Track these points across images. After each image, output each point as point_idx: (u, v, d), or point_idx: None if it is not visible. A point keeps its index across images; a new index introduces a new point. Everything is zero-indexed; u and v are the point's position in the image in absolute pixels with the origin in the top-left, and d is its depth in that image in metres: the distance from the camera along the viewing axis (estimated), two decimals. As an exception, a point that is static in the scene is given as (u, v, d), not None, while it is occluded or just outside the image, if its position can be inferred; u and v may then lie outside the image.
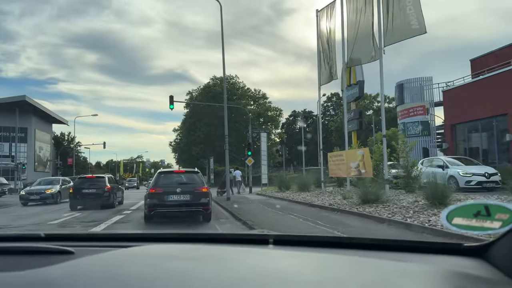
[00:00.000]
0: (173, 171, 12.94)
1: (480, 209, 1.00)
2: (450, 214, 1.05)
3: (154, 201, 10.31)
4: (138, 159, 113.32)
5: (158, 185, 10.58)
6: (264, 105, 62.35)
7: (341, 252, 1.24)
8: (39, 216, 14.16)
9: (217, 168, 52.29)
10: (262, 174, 27.20)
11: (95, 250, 1.21)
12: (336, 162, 16.25)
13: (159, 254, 1.17)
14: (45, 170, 59.02)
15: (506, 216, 0.97)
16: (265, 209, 13.18)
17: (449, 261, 1.14)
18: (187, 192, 10.39)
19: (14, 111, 50.84)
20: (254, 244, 1.38)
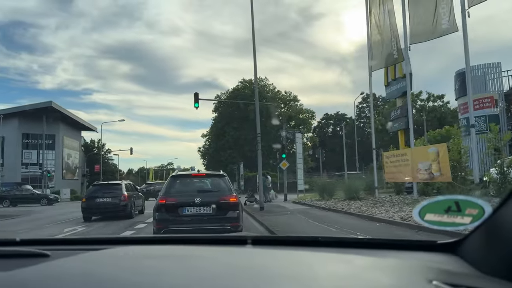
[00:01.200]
0: (190, 174, 9.68)
1: (451, 205, 1.01)
2: (422, 210, 1.05)
3: (164, 215, 7.76)
4: (168, 166, 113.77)
5: (171, 194, 8.00)
6: (295, 107, 59.35)
7: (317, 250, 1.25)
8: (34, 232, 11.75)
9: (248, 174, 49.65)
10: (297, 180, 24.10)
11: (71, 252, 1.20)
12: (396, 164, 13.08)
13: (135, 255, 1.14)
14: (73, 178, 58.06)
15: (475, 211, 0.98)
16: (313, 224, 10.19)
17: (422, 257, 1.17)
18: (210, 202, 7.76)
19: (42, 118, 50.04)
20: (232, 245, 1.39)
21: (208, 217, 7.66)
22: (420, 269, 0.93)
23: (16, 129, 50.66)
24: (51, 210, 22.74)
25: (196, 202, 7.70)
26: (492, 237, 0.96)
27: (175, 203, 7.74)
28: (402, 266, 0.98)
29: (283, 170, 23.33)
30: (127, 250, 1.24)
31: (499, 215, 0.93)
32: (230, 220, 7.74)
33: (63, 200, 44.68)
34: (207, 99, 45.91)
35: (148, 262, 1.01)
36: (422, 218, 1.06)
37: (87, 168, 58.07)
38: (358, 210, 11.77)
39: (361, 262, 0.99)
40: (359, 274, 0.87)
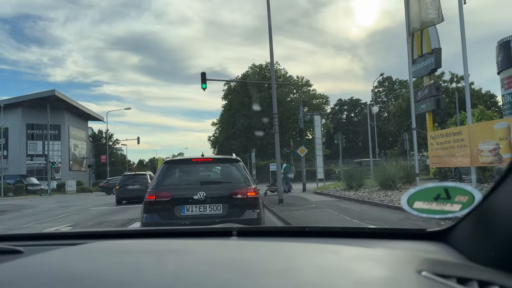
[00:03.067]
0: (191, 159, 6.26)
1: (440, 192, 1.00)
2: (410, 198, 1.03)
3: (154, 217, 5.42)
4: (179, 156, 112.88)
5: (164, 187, 5.61)
6: (308, 93, 56.72)
7: (304, 241, 1.23)
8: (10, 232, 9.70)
9: (260, 163, 47.47)
10: (317, 168, 21.74)
11: (46, 248, 1.15)
12: (445, 145, 10.69)
13: (115, 250, 1.08)
14: (81, 169, 56.48)
15: (465, 198, 0.96)
16: (352, 223, 7.91)
17: (411, 246, 1.14)
18: (219, 199, 5.44)
19: (45, 108, 48.31)
20: (217, 237, 1.34)
21: (217, 219, 5.25)
22: (409, 259, 0.90)
23: (19, 119, 49.03)
24: (47, 205, 20.82)
25: (199, 198, 5.39)
26: (482, 224, 0.94)
27: (170, 199, 5.42)
28: (391, 256, 0.95)
29: (301, 157, 21.05)
30: (105, 245, 1.18)
31: (489, 202, 0.91)
32: (248, 223, 5.10)
33: (69, 192, 43.07)
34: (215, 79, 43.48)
35: (128, 257, 0.97)
36: (411, 206, 1.03)
37: (93, 159, 56.35)
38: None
39: (349, 253, 0.96)
40: (347, 266, 0.85)
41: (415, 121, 12.15)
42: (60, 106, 49.93)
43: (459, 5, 10.43)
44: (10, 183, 40.76)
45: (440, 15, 11.91)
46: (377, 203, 10.50)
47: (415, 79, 39.98)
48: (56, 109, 49.44)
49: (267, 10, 13.78)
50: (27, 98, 48.02)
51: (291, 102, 53.53)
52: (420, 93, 24.14)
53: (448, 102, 41.98)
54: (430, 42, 23.66)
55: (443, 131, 11.85)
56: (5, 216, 15.08)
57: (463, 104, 37.35)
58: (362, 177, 15.55)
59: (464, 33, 10.28)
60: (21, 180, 42.48)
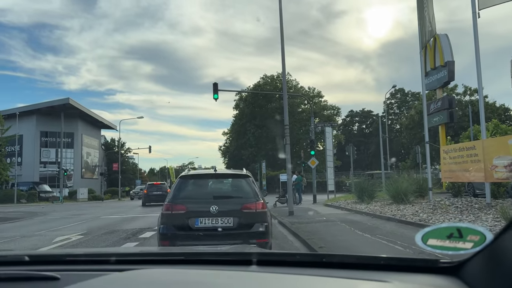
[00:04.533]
0: (205, 174, 6.83)
1: (453, 232, 1.04)
2: (425, 236, 1.08)
3: (171, 228, 5.79)
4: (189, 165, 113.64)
5: (179, 200, 5.94)
6: (319, 104, 56.63)
7: (322, 273, 1.26)
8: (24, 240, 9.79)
9: (270, 173, 47.38)
10: (327, 180, 21.60)
11: (82, 275, 1.17)
12: (458, 160, 10.56)
13: (142, 282, 1.11)
14: (93, 177, 56.93)
15: (477, 237, 1.01)
16: (365, 238, 7.82)
17: (424, 280, 1.17)
18: (230, 212, 5.77)
19: (60, 116, 48.99)
20: (236, 265, 1.37)
21: (228, 231, 5.65)
22: None
23: (34, 127, 49.76)
24: (59, 212, 21.01)
25: (212, 212, 5.72)
26: (493, 262, 0.96)
27: (185, 212, 5.75)
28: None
29: (311, 168, 20.97)
30: (139, 275, 1.21)
31: (501, 241, 0.94)
32: (257, 236, 5.68)
33: (81, 199, 43.42)
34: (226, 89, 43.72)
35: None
36: (425, 243, 1.08)
37: (105, 167, 56.82)
38: (417, 218, 9.29)
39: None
40: None
41: (428, 134, 12.05)
42: (74, 114, 50.60)
43: (473, 18, 10.40)
44: (23, 190, 41.28)
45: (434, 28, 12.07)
46: (389, 217, 10.37)
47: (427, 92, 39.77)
48: (70, 117, 50.11)
49: (280, 21, 13.87)
50: (42, 106, 48.78)
51: (302, 112, 53.51)
52: (433, 106, 23.94)
53: (461, 115, 41.52)
54: (443, 54, 23.48)
55: (456, 145, 11.73)
56: (18, 223, 15.25)
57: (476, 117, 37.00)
58: (374, 189, 15.39)
59: (478, 46, 10.23)
60: (34, 187, 42.98)
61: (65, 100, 47.84)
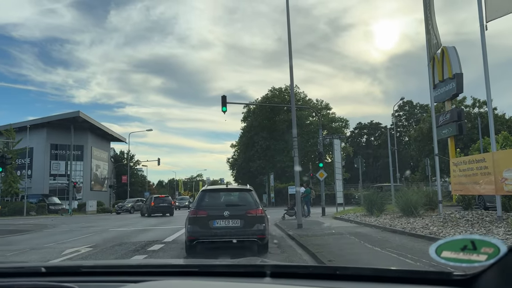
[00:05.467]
0: (220, 188, 9.83)
1: (467, 244, 1.03)
2: (439, 248, 1.08)
3: (196, 227, 8.09)
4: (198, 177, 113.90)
5: (202, 207, 8.31)
6: (327, 116, 56.63)
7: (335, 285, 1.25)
8: (33, 252, 9.84)
9: (278, 185, 47.22)
10: (336, 192, 21.49)
11: (98, 286, 1.19)
12: (468, 172, 10.46)
13: None
14: (102, 189, 57.19)
15: (491, 250, 1.00)
16: (375, 252, 7.73)
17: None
18: (238, 216, 8.12)
19: (70, 129, 49.52)
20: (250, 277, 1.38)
21: (236, 229, 7.94)
22: None
23: (44, 139, 50.30)
24: (68, 225, 21.11)
25: (225, 215, 8.01)
26: (507, 274, 0.95)
27: (206, 216, 8.02)
28: None
29: (320, 180, 20.89)
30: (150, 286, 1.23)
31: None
32: (257, 233, 7.98)
33: (90, 212, 43.57)
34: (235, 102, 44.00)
35: None
36: (439, 255, 1.08)
37: (114, 179, 57.07)
38: (428, 232, 9.18)
39: None
40: None
41: (437, 146, 11.97)
42: (84, 127, 51.13)
43: (480, 30, 10.42)
44: (33, 202, 41.58)
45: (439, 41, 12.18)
46: (399, 231, 10.25)
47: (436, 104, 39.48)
48: (80, 130, 50.66)
49: (288, 34, 13.99)
50: (52, 119, 49.37)
51: (310, 125, 53.49)
52: (441, 118, 23.79)
53: (470, 127, 41.18)
54: (451, 67, 23.44)
55: (466, 157, 11.64)
56: (27, 235, 15.34)
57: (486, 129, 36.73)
58: (383, 202, 15.26)
59: (486, 58, 10.21)
60: (43, 200, 43.27)
61: (75, 113, 48.39)
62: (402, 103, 60.27)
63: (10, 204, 39.84)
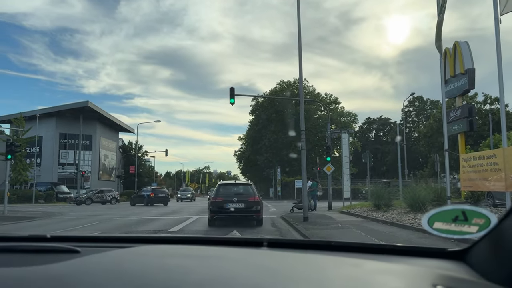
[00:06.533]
0: (231, 183, 13.66)
1: (458, 214, 1.04)
2: (431, 219, 1.08)
3: (215, 208, 11.92)
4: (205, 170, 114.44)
5: (219, 195, 12.12)
6: (336, 110, 56.30)
7: (329, 254, 1.29)
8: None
9: (285, 179, 47.19)
10: (343, 186, 21.37)
11: (100, 249, 1.24)
12: (478, 168, 10.32)
13: (162, 253, 1.21)
14: (110, 179, 57.61)
15: (482, 221, 1.01)
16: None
17: (430, 263, 1.18)
18: (242, 201, 11.82)
19: (79, 118, 49.83)
20: (249, 247, 1.44)
21: (241, 209, 11.72)
22: (426, 275, 0.94)
23: (53, 129, 50.69)
24: (75, 213, 21.29)
25: (234, 200, 11.80)
26: (498, 246, 0.98)
27: (222, 200, 11.88)
28: (409, 271, 1.00)
29: (327, 174, 20.79)
30: (153, 249, 1.31)
31: (505, 225, 0.95)
32: (255, 212, 11.81)
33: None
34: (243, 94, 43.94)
35: (174, 260, 1.08)
36: (431, 226, 1.07)
37: (122, 169, 57.44)
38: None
39: (371, 267, 1.02)
40: (369, 277, 0.91)
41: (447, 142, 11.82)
42: (92, 117, 51.43)
43: (495, 24, 10.20)
44: (42, 190, 42.04)
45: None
46: (406, 226, 10.17)
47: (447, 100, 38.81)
48: (88, 120, 50.96)
49: (298, 27, 13.85)
50: (62, 109, 49.67)
51: (319, 119, 53.20)
52: (452, 114, 23.52)
53: (480, 124, 40.71)
54: (463, 62, 23.13)
55: (476, 153, 11.46)
56: (35, 222, 15.50)
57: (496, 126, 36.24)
58: (391, 197, 15.13)
59: (500, 53, 10.02)
60: (52, 188, 43.73)
61: (84, 103, 48.65)
62: (412, 99, 59.71)
63: (19, 191, 40.32)
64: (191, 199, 43.00)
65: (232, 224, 11.49)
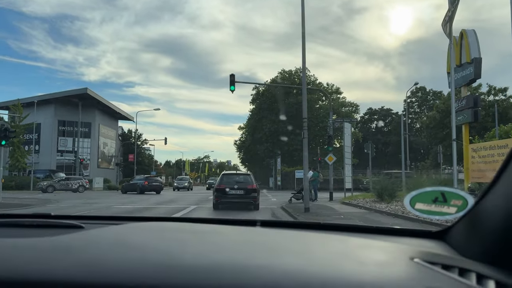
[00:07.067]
0: (232, 173, 16.18)
1: (438, 196, 1.09)
2: (412, 199, 1.11)
3: (219, 194, 13.61)
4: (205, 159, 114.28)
5: (222, 183, 13.81)
6: (337, 100, 55.68)
7: (319, 232, 1.38)
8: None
9: (285, 169, 46.80)
10: (345, 177, 20.94)
11: (102, 225, 1.31)
12: (489, 159, 9.90)
13: (161, 229, 1.26)
14: (109, 167, 57.29)
15: (460, 202, 1.06)
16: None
17: (412, 242, 1.25)
18: (242, 188, 13.56)
19: (78, 105, 49.31)
20: (243, 225, 1.55)
21: (240, 195, 13.50)
22: (406, 250, 1.00)
23: (52, 116, 50.19)
24: (71, 200, 20.95)
25: (235, 187, 13.53)
26: (474, 226, 1.03)
27: (224, 187, 13.57)
28: (391, 247, 1.07)
29: (328, 165, 20.39)
30: (153, 225, 1.38)
31: (480, 206, 1.00)
32: (252, 198, 13.56)
33: (96, 189, 43.57)
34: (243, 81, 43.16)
35: (173, 235, 1.14)
36: (413, 207, 1.11)
37: (121, 157, 57.10)
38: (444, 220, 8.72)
39: (355, 243, 1.08)
40: (352, 251, 0.97)
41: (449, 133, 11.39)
42: (91, 104, 50.89)
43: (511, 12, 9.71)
44: (40, 177, 41.70)
45: None
46: (412, 218, 9.77)
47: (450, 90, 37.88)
48: (87, 107, 50.43)
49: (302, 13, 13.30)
50: (60, 95, 49.13)
51: (320, 109, 52.63)
52: (457, 104, 23.02)
53: (484, 115, 40.13)
54: (470, 51, 22.59)
55: (487, 143, 11.05)
56: (30, 209, 15.13)
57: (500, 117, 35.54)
58: (394, 189, 14.73)
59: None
60: (50, 175, 43.38)
61: (83, 90, 48.10)
62: (415, 89, 59.10)
63: (17, 178, 39.98)
64: (188, 188, 41.44)
65: (233, 207, 13.62)
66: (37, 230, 1.23)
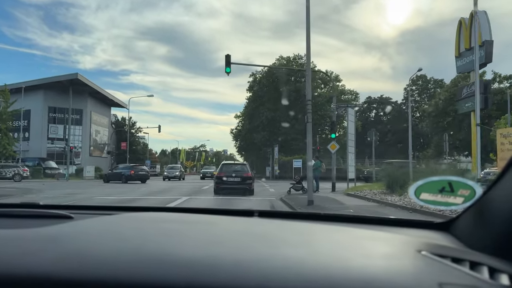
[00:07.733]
0: (231, 163, 18.34)
1: (444, 185, 1.05)
2: (418, 190, 1.08)
3: (219, 181, 15.64)
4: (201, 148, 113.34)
5: (222, 171, 15.98)
6: (336, 88, 54.22)
7: (319, 223, 1.32)
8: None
9: (283, 158, 45.47)
10: (348, 166, 19.62)
11: (92, 215, 1.26)
12: (523, 146, 8.54)
13: (155, 219, 1.20)
14: (101, 155, 55.74)
15: (467, 192, 1.01)
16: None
17: (417, 233, 1.22)
18: (239, 176, 15.65)
19: (68, 91, 47.54)
20: (241, 216, 1.48)
21: (237, 182, 15.54)
22: (412, 242, 0.98)
23: (41, 102, 48.43)
24: (55, 190, 19.53)
25: (233, 175, 15.60)
26: (481, 217, 1.00)
27: (223, 175, 15.63)
28: (396, 238, 1.04)
29: (330, 154, 19.06)
30: (147, 215, 1.31)
31: (488, 197, 0.97)
32: (248, 184, 15.62)
33: (87, 177, 42.12)
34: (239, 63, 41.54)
35: (168, 225, 1.09)
36: (418, 197, 1.08)
37: (114, 145, 55.56)
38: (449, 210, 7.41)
39: (359, 233, 1.05)
40: (356, 242, 0.94)
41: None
42: (83, 91, 49.15)
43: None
44: (29, 166, 40.13)
45: None
46: (430, 213, 8.43)
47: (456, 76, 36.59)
48: (79, 93, 48.63)
49: None
50: (49, 81, 47.34)
51: (318, 96, 51.19)
52: (465, 90, 21.68)
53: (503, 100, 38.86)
54: (482, 32, 21.20)
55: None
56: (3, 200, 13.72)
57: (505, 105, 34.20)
58: (405, 179, 13.39)
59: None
60: (40, 163, 41.88)
61: (73, 75, 46.34)
62: (416, 77, 57.65)
63: (4, 166, 38.39)
64: (179, 178, 38.79)
65: (231, 193, 15.17)
66: (24, 221, 1.19)
